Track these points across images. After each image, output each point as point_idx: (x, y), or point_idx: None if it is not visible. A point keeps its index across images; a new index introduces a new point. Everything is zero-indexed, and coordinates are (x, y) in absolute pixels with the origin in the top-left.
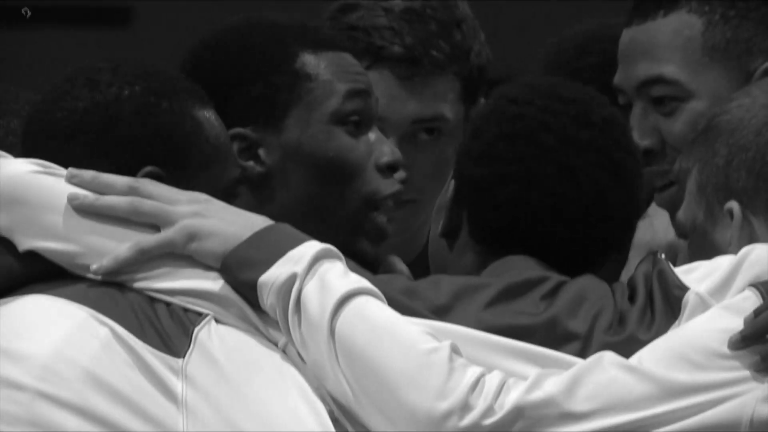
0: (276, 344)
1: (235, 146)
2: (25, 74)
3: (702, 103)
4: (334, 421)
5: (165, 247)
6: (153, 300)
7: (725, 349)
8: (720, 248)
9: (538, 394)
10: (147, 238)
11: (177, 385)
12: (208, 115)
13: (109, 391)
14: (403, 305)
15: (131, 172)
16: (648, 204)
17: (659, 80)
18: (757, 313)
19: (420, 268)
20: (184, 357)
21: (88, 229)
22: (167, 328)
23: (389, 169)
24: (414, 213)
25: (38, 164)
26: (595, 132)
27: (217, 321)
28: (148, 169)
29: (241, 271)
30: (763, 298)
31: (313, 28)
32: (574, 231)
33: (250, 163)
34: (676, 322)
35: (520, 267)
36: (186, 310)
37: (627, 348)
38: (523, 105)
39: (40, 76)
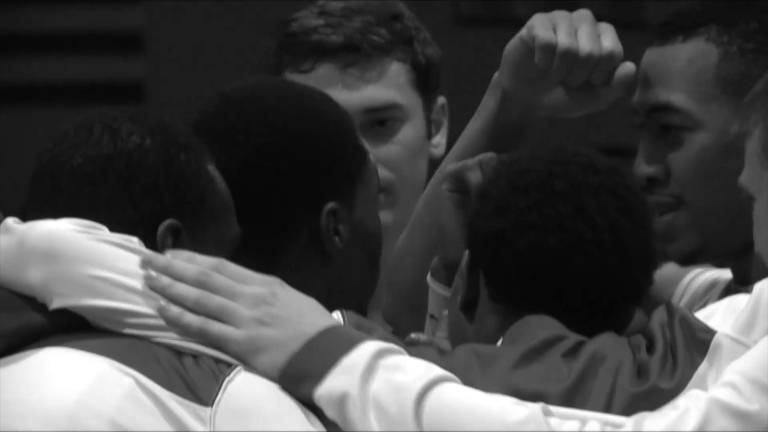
0: None
1: (324, 222)
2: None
3: (709, 136)
4: None
5: (225, 343)
6: (180, 354)
7: None
8: None
9: None
10: (214, 324)
11: None
12: (215, 171)
13: None
14: None
15: (153, 221)
16: None
17: (668, 107)
18: None
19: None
20: (212, 406)
21: (140, 291)
22: (194, 377)
23: None
24: (392, 202)
25: (77, 224)
26: (604, 177)
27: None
28: (168, 222)
29: (297, 385)
30: None
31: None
32: (594, 275)
33: (336, 239)
34: (704, 365)
35: (537, 327)
36: (217, 361)
37: (650, 398)
38: (529, 161)
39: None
